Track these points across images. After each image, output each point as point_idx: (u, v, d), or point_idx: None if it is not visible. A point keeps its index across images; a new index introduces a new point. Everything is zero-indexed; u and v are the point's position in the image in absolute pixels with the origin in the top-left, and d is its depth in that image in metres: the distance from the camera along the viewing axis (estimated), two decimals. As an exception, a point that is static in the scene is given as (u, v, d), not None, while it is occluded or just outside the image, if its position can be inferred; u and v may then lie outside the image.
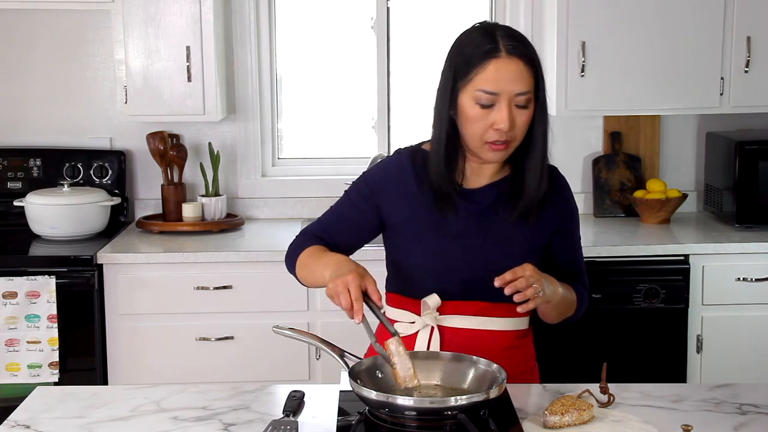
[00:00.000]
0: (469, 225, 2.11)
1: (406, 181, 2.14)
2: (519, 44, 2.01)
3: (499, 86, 1.98)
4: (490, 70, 1.98)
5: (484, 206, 2.13)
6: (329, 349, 1.98)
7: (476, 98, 2.00)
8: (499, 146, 2.03)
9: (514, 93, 1.99)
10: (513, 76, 1.99)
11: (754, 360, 3.49)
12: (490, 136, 2.02)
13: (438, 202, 2.10)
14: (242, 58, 3.96)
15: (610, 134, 4.03)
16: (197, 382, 2.47)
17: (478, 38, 2.02)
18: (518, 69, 1.99)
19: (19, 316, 3.36)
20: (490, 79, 1.98)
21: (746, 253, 3.49)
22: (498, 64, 1.98)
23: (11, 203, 3.76)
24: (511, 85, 1.98)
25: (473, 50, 2.01)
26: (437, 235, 2.11)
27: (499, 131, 2.00)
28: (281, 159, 4.16)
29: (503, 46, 1.99)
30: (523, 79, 2.00)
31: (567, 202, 2.21)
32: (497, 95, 1.99)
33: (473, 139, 2.05)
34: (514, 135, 2.03)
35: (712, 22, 3.62)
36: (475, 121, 2.02)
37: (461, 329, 2.11)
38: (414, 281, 2.13)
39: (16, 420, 1.93)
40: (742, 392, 2.04)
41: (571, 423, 1.84)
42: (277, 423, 1.86)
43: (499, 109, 1.99)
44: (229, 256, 3.46)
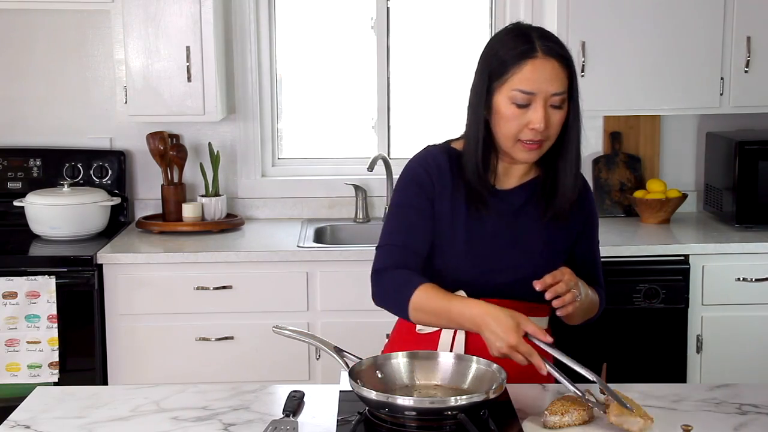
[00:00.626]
0: (501, 225, 2.13)
1: (443, 177, 2.14)
2: (555, 45, 2.04)
3: (536, 86, 2.01)
4: (527, 70, 2.01)
5: (516, 207, 2.15)
6: (329, 349, 1.99)
7: (512, 98, 2.02)
8: (533, 146, 2.05)
9: (549, 93, 2.02)
10: (549, 76, 2.01)
11: (754, 360, 3.49)
12: (525, 135, 2.04)
13: (473, 202, 2.12)
14: (242, 58, 3.96)
15: (610, 134, 4.03)
16: (197, 382, 2.47)
17: (513, 39, 2.05)
18: (554, 69, 2.02)
19: (19, 316, 3.36)
20: (527, 79, 2.01)
21: (746, 253, 3.49)
22: (535, 64, 2.01)
23: (11, 203, 3.76)
24: (547, 85, 2.01)
25: (509, 51, 2.03)
26: (470, 234, 2.12)
27: (534, 131, 2.03)
28: (281, 159, 4.16)
29: (539, 46, 2.02)
30: (559, 79, 2.02)
31: (591, 204, 2.25)
32: (534, 95, 2.01)
33: (507, 139, 2.06)
34: (548, 135, 2.05)
35: (712, 22, 3.62)
36: (510, 120, 2.03)
37: None
38: (444, 279, 2.12)
39: (16, 420, 1.93)
40: (742, 392, 2.04)
41: (571, 423, 1.84)
42: (277, 423, 1.86)
43: (535, 108, 2.02)
44: (228, 256, 3.46)
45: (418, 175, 2.14)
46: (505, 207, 2.14)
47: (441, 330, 2.14)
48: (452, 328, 2.08)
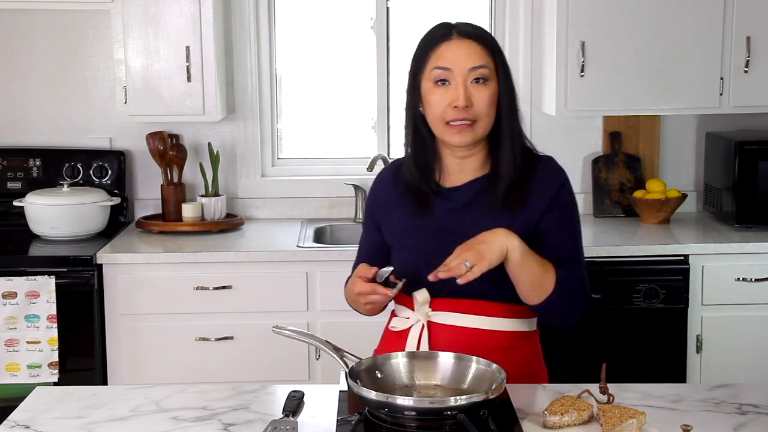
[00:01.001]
0: (448, 223, 2.13)
1: (388, 192, 2.24)
2: (471, 28, 2.11)
3: (452, 62, 2.05)
4: (442, 49, 2.08)
5: (464, 203, 2.14)
6: (329, 349, 1.99)
7: (433, 78, 2.07)
8: (461, 126, 2.05)
9: (467, 68, 2.05)
10: (465, 52, 2.06)
11: (754, 360, 3.49)
12: (449, 115, 2.05)
13: (415, 202, 2.15)
14: (242, 58, 3.96)
15: (609, 134, 4.03)
16: (197, 382, 2.47)
17: (433, 32, 2.13)
18: (470, 47, 2.07)
19: (18, 316, 3.36)
20: (443, 56, 2.07)
21: (746, 253, 3.49)
22: (450, 44, 2.08)
23: (11, 203, 3.76)
24: (463, 60, 2.05)
25: (428, 41, 2.11)
26: (420, 236, 2.14)
27: (457, 109, 2.04)
28: (281, 159, 4.16)
29: (455, 31, 2.10)
30: (476, 54, 2.06)
31: (558, 191, 2.13)
32: (451, 71, 2.05)
33: (437, 124, 2.08)
34: (475, 113, 2.05)
35: (712, 22, 3.62)
36: (435, 103, 2.07)
37: (451, 326, 2.11)
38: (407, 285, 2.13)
39: (16, 420, 1.93)
40: (742, 392, 2.04)
41: (571, 423, 1.84)
42: (277, 423, 1.86)
43: (455, 86, 2.05)
44: (228, 256, 3.46)
45: (369, 202, 2.30)
46: (453, 204, 2.14)
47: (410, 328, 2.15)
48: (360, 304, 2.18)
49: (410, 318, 2.16)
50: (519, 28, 3.95)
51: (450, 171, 2.16)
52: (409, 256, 2.15)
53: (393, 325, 2.21)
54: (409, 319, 2.16)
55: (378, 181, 2.31)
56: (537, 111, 3.99)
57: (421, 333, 2.13)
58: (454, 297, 2.11)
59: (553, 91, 3.67)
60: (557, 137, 4.05)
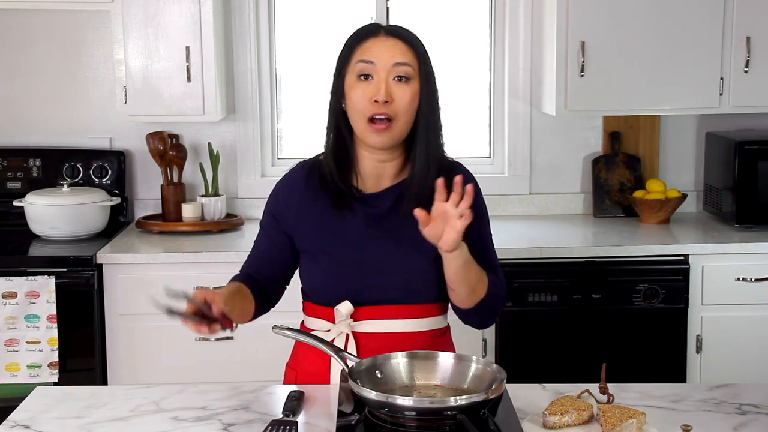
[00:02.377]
0: (370, 229, 2.11)
1: (302, 195, 2.17)
2: (399, 28, 2.10)
3: (376, 55, 2.05)
4: (368, 44, 2.08)
5: (385, 209, 2.12)
6: (328, 349, 1.98)
7: (357, 71, 2.06)
8: (380, 125, 2.04)
9: (390, 63, 2.04)
10: (390, 48, 2.06)
11: (754, 360, 3.49)
12: (369, 110, 2.04)
13: (335, 205, 2.11)
14: (242, 58, 3.96)
15: (609, 134, 4.03)
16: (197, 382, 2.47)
17: (362, 28, 2.12)
18: (396, 45, 2.07)
19: (18, 316, 3.36)
20: (367, 49, 2.07)
21: (746, 253, 3.49)
22: (376, 39, 2.08)
23: (11, 203, 3.76)
24: (387, 55, 2.05)
25: (355, 37, 2.11)
26: (341, 243, 2.11)
27: (377, 103, 2.03)
28: (281, 159, 4.16)
29: (383, 29, 2.10)
30: (401, 52, 2.06)
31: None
32: (374, 64, 2.05)
33: (358, 120, 2.07)
34: (394, 110, 2.04)
35: (712, 22, 3.62)
36: (356, 96, 2.05)
37: (376, 333, 2.10)
38: (325, 290, 2.13)
39: (16, 420, 1.93)
40: (742, 392, 2.04)
41: (571, 423, 1.84)
42: (277, 423, 1.86)
43: (377, 81, 2.04)
44: (228, 256, 3.45)
45: (274, 205, 2.22)
46: (373, 210, 2.12)
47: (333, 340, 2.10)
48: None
49: (331, 330, 2.12)
50: (519, 28, 3.95)
51: (368, 176, 2.14)
52: (331, 263, 2.11)
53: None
54: (330, 331, 2.13)
55: (286, 183, 2.21)
56: (537, 111, 3.99)
57: (347, 344, 2.10)
58: (373, 304, 2.10)
59: (553, 91, 3.67)
60: (557, 137, 4.05)
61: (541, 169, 4.06)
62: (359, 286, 2.10)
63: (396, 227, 2.10)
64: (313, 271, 2.15)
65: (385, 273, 2.09)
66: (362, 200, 2.13)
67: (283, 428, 1.83)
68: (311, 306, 2.19)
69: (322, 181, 2.14)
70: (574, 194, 4.08)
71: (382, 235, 2.10)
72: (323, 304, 2.14)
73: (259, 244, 2.25)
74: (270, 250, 2.22)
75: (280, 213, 2.19)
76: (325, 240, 2.13)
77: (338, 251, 2.11)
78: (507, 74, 4.01)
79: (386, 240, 2.10)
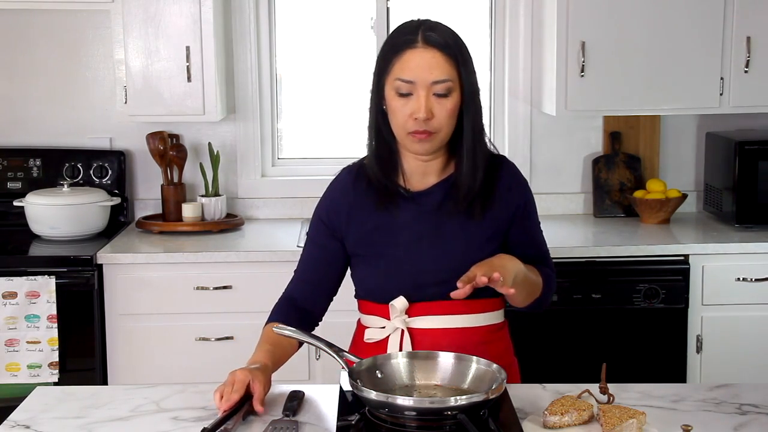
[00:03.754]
0: (421, 227, 2.12)
1: (351, 200, 2.17)
2: (437, 35, 2.05)
3: (414, 74, 2.02)
4: (405, 59, 2.03)
5: (434, 206, 2.13)
6: (329, 349, 1.98)
7: (396, 88, 2.04)
8: (421, 135, 2.04)
9: (429, 81, 2.02)
10: (428, 64, 2.02)
11: (754, 360, 3.49)
12: (410, 126, 2.04)
13: (384, 206, 2.12)
14: (242, 58, 3.96)
15: (610, 134, 4.03)
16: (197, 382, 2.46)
17: (399, 33, 2.08)
18: (434, 58, 2.03)
19: (18, 316, 3.36)
20: (406, 67, 2.03)
21: (746, 253, 3.49)
22: (414, 53, 2.03)
23: (11, 203, 3.76)
24: (426, 73, 2.02)
25: (393, 44, 2.07)
26: (394, 243, 2.12)
27: (417, 121, 2.02)
28: (281, 159, 4.16)
29: (420, 37, 2.04)
30: (439, 67, 2.03)
31: (518, 191, 2.17)
32: (413, 83, 2.02)
33: (398, 131, 2.07)
34: (435, 125, 2.04)
35: (712, 22, 3.62)
36: (397, 112, 2.05)
37: (431, 329, 2.11)
38: (380, 290, 2.14)
39: (16, 420, 1.93)
40: (742, 392, 2.04)
41: (571, 423, 1.84)
42: (277, 423, 1.86)
43: (416, 97, 2.02)
44: (228, 256, 3.46)
45: (325, 211, 2.22)
46: (422, 208, 2.13)
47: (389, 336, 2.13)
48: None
49: (386, 327, 2.14)
50: (519, 28, 3.95)
51: (413, 174, 2.15)
52: (385, 263, 2.12)
53: (369, 336, 2.17)
54: (385, 328, 2.14)
55: (334, 190, 2.23)
56: (537, 111, 3.99)
57: (402, 340, 2.11)
58: (429, 300, 2.11)
59: (553, 91, 3.67)
60: (557, 137, 4.05)
61: (542, 169, 4.06)
62: (414, 284, 2.10)
63: (447, 223, 2.11)
64: (366, 273, 2.16)
65: (439, 269, 2.09)
66: (410, 198, 2.13)
67: (283, 428, 1.83)
68: (366, 304, 2.20)
69: (368, 184, 2.15)
70: (574, 194, 4.08)
71: (433, 232, 2.11)
72: (379, 301, 2.15)
73: (308, 254, 2.24)
74: (322, 256, 2.20)
75: (331, 219, 2.19)
76: (377, 241, 2.13)
77: (391, 251, 2.12)
78: (507, 74, 4.01)
79: (438, 236, 2.10)
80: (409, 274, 2.11)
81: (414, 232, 2.11)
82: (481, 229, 2.11)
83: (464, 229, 2.10)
